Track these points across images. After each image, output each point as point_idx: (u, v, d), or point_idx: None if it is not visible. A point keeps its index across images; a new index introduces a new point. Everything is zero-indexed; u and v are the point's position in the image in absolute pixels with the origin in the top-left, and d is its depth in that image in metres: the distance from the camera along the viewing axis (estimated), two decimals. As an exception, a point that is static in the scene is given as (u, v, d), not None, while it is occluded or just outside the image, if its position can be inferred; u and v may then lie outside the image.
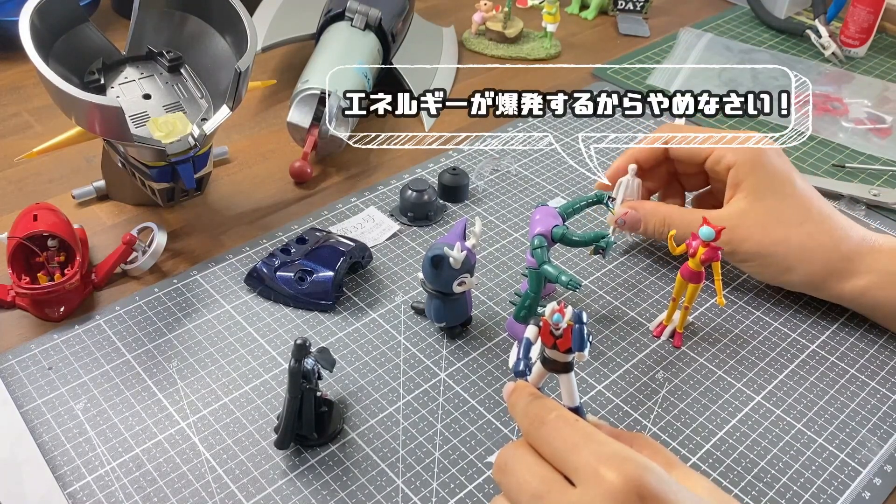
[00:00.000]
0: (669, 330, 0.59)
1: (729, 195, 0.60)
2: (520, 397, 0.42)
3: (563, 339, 0.41)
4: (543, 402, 0.41)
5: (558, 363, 0.42)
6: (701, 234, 0.53)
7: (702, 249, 0.54)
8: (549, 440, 0.39)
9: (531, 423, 0.40)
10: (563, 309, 0.41)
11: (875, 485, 0.50)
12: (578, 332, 0.41)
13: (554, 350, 0.41)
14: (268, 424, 0.51)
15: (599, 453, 0.37)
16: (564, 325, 0.40)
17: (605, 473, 0.35)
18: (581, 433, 0.38)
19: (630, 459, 0.36)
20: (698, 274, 0.55)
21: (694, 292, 0.56)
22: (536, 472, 0.38)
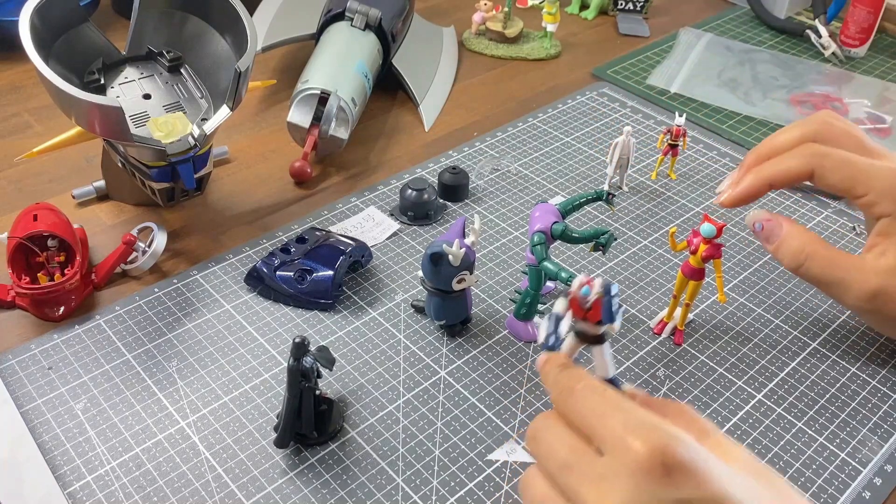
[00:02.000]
0: (670, 327, 0.59)
1: (874, 242, 0.54)
2: (551, 368, 0.42)
3: (593, 312, 0.40)
4: (572, 371, 0.41)
5: (590, 335, 0.42)
6: (702, 231, 0.53)
7: (703, 247, 0.54)
8: (578, 409, 0.39)
9: (560, 392, 0.40)
10: (591, 281, 0.40)
11: (875, 484, 0.50)
12: (607, 304, 0.40)
13: (585, 322, 0.41)
14: (267, 423, 0.51)
15: (626, 422, 0.36)
16: (593, 297, 0.40)
17: (631, 443, 0.35)
18: (609, 402, 0.38)
19: (657, 428, 0.36)
20: (699, 271, 0.55)
21: (695, 289, 0.56)
22: (566, 442, 0.38)
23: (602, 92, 0.90)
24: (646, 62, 0.97)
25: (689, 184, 0.75)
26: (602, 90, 0.90)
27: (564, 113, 0.86)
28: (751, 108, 0.88)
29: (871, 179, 0.53)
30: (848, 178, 0.54)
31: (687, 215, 0.71)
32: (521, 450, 0.50)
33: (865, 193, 0.53)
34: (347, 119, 0.74)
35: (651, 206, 0.72)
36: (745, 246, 0.68)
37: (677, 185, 0.75)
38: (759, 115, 0.87)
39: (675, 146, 0.73)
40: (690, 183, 0.76)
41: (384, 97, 0.87)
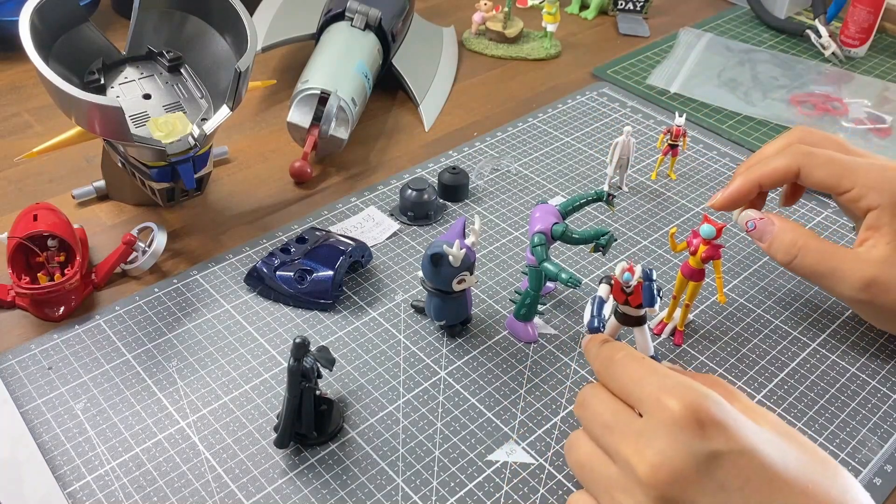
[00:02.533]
0: (670, 328, 0.59)
1: (864, 237, 0.54)
2: (594, 344, 0.45)
3: (634, 296, 0.45)
4: (613, 343, 0.45)
5: (631, 317, 0.46)
6: (702, 231, 0.53)
7: (703, 247, 0.54)
8: (618, 376, 0.42)
9: (602, 362, 0.44)
10: (632, 268, 0.44)
11: (875, 484, 0.50)
12: (648, 289, 0.45)
13: (626, 305, 0.46)
14: (267, 423, 0.51)
15: (662, 384, 0.39)
16: (634, 282, 0.44)
17: (666, 401, 0.38)
18: (646, 367, 0.41)
19: (691, 388, 0.38)
20: (699, 272, 0.55)
21: (695, 290, 0.56)
22: (608, 406, 0.41)
23: (602, 92, 0.90)
24: (646, 62, 0.97)
25: (689, 184, 0.75)
26: (602, 90, 0.90)
27: (564, 113, 0.86)
28: (751, 108, 0.88)
29: (856, 174, 0.54)
30: (834, 174, 0.55)
31: (687, 216, 0.71)
32: (521, 450, 0.50)
33: (852, 187, 0.54)
34: (347, 119, 0.74)
35: (651, 206, 0.72)
36: (745, 246, 0.68)
37: (677, 186, 0.75)
38: (759, 115, 0.87)
39: (675, 146, 0.73)
40: (690, 183, 0.76)
41: (384, 97, 0.87)
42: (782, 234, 0.56)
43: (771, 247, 0.57)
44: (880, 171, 0.54)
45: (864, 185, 0.54)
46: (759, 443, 0.38)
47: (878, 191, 0.53)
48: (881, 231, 0.53)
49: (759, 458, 0.37)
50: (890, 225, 0.53)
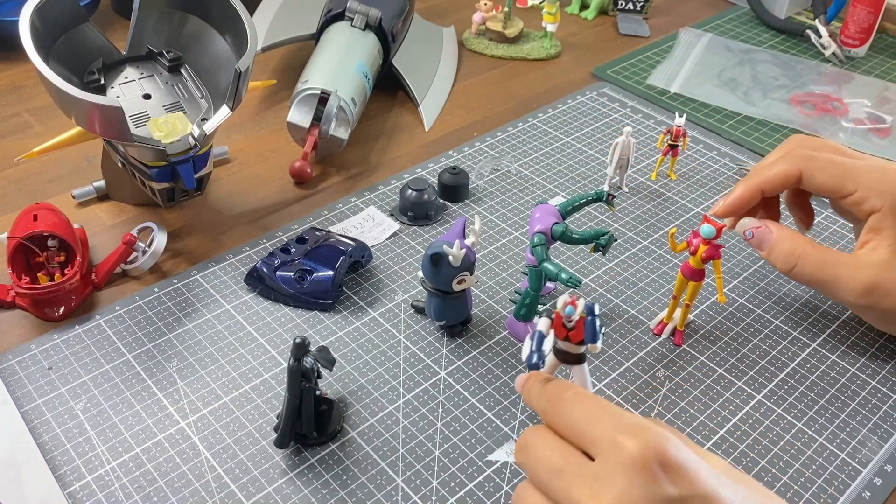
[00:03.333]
0: (670, 328, 0.59)
1: (865, 239, 0.54)
2: (535, 383, 0.42)
3: (576, 331, 0.41)
4: (559, 382, 0.42)
5: (571, 354, 0.42)
6: (702, 231, 0.53)
7: (703, 247, 0.53)
8: (567, 415, 0.39)
9: (548, 401, 0.40)
10: (575, 301, 0.41)
11: (875, 484, 0.50)
12: (591, 324, 0.41)
13: (566, 342, 0.42)
14: (268, 423, 0.51)
15: (617, 424, 0.37)
16: (577, 317, 0.41)
17: (623, 442, 0.35)
18: (598, 406, 0.38)
19: (648, 428, 0.36)
20: (699, 272, 0.55)
21: (695, 290, 0.56)
22: (556, 448, 0.38)
23: (602, 92, 0.90)
24: (646, 62, 0.97)
25: (689, 184, 0.75)
26: (602, 90, 0.90)
27: (564, 113, 0.86)
28: (751, 108, 0.88)
29: (858, 176, 0.54)
30: (835, 177, 0.55)
31: (687, 216, 0.71)
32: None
33: (854, 190, 0.54)
34: (347, 119, 0.74)
35: (651, 206, 0.72)
36: (745, 247, 0.68)
37: (677, 186, 0.75)
38: (759, 115, 0.87)
39: (675, 146, 0.73)
40: (690, 183, 0.76)
41: (384, 97, 0.87)
42: (781, 243, 0.56)
43: (770, 255, 0.56)
44: (882, 173, 0.54)
45: (866, 187, 0.54)
46: (718, 486, 0.36)
47: (880, 193, 0.53)
48: (883, 234, 0.53)
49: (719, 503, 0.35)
50: (892, 228, 0.53)
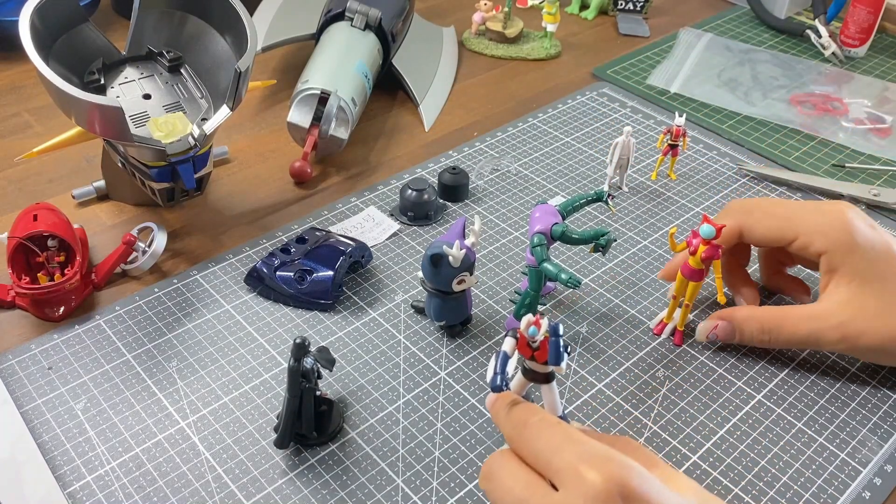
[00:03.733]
0: (670, 328, 0.59)
1: (825, 282, 0.54)
2: (502, 405, 0.42)
3: (541, 352, 0.41)
4: (525, 406, 0.41)
5: (538, 374, 0.42)
6: (701, 232, 0.53)
7: (702, 248, 0.53)
8: (532, 442, 0.39)
9: (513, 427, 0.40)
10: (538, 321, 0.40)
11: (875, 484, 0.50)
12: (554, 345, 0.40)
13: (532, 361, 0.41)
14: (267, 424, 0.51)
15: (581, 454, 0.36)
16: (541, 337, 0.40)
17: (586, 473, 0.35)
18: (562, 435, 0.38)
19: (612, 459, 0.36)
20: (699, 272, 0.55)
21: (694, 290, 0.56)
22: (520, 478, 0.38)
23: (602, 92, 0.90)
24: (646, 62, 0.97)
25: (689, 184, 0.75)
26: (602, 90, 0.90)
27: (564, 113, 0.86)
28: (751, 108, 0.88)
29: (797, 222, 0.54)
30: (775, 227, 0.55)
31: (687, 215, 0.71)
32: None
33: (796, 236, 0.54)
34: (347, 119, 0.74)
35: (651, 206, 0.72)
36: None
37: (677, 186, 0.75)
38: (759, 115, 0.87)
39: (674, 146, 0.73)
40: (690, 183, 0.76)
41: (384, 97, 0.87)
42: (746, 325, 0.55)
43: (742, 341, 0.56)
44: (818, 214, 0.54)
45: (807, 231, 0.53)
46: None
47: (822, 234, 0.53)
48: (839, 273, 0.53)
49: None
50: (844, 265, 0.52)
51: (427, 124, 0.83)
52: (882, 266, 0.52)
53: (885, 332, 0.51)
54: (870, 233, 0.53)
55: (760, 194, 0.74)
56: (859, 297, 0.52)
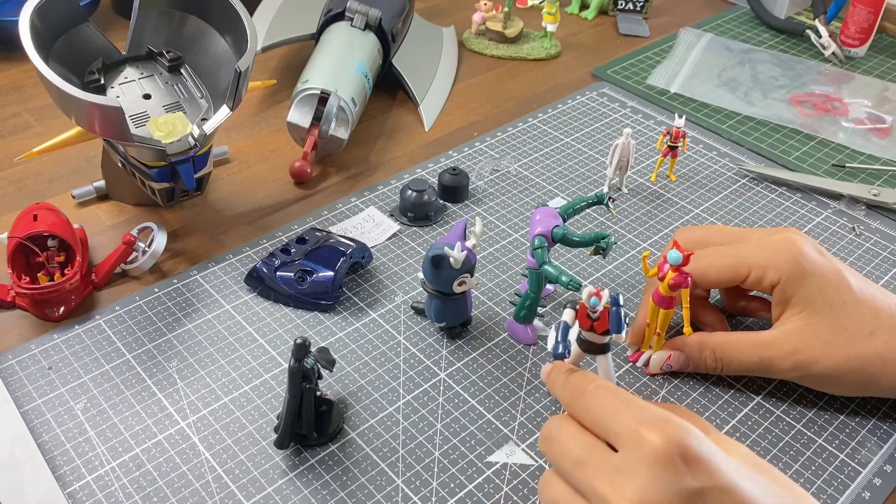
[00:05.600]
0: (646, 357, 0.56)
1: (778, 313, 0.53)
2: (559, 373, 0.43)
3: (601, 322, 0.42)
4: (583, 373, 0.42)
5: (595, 344, 0.44)
6: (669, 258, 0.50)
7: (671, 274, 0.50)
8: (590, 408, 0.40)
9: (571, 393, 0.42)
10: (599, 292, 0.42)
11: (875, 485, 0.50)
12: (615, 315, 0.42)
13: (591, 332, 0.43)
14: (268, 424, 0.51)
15: (640, 417, 0.37)
16: (601, 307, 0.42)
17: (646, 435, 0.36)
18: (621, 399, 0.39)
19: (671, 422, 0.37)
20: (668, 300, 0.52)
21: (665, 319, 0.53)
22: (578, 440, 0.39)
23: (602, 92, 0.90)
24: (646, 62, 0.97)
25: (689, 185, 0.75)
26: (602, 90, 0.90)
27: (564, 113, 0.86)
28: (751, 108, 0.88)
29: (745, 258, 0.53)
30: (726, 268, 0.53)
31: (687, 216, 0.71)
32: (521, 452, 0.50)
33: (749, 271, 0.53)
34: (347, 119, 0.74)
35: (651, 207, 0.72)
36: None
37: (677, 187, 0.75)
38: (759, 115, 0.87)
39: (674, 148, 0.73)
40: (690, 184, 0.76)
41: (384, 97, 0.87)
42: (697, 354, 0.54)
43: (697, 369, 0.55)
44: (766, 246, 0.53)
45: (757, 265, 0.52)
46: (740, 479, 0.36)
47: (773, 266, 0.52)
48: (791, 303, 0.52)
49: (741, 495, 0.36)
50: (796, 295, 0.52)
51: (427, 124, 0.83)
52: (833, 294, 0.51)
53: (837, 360, 0.51)
54: (820, 261, 0.52)
55: (760, 194, 0.74)
56: (811, 325, 0.51)
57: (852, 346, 0.50)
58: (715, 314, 0.58)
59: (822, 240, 0.69)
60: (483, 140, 0.80)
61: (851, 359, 0.50)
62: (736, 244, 0.54)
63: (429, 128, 0.83)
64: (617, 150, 0.71)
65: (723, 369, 0.54)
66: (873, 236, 0.70)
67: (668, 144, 0.73)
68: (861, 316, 0.51)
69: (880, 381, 0.51)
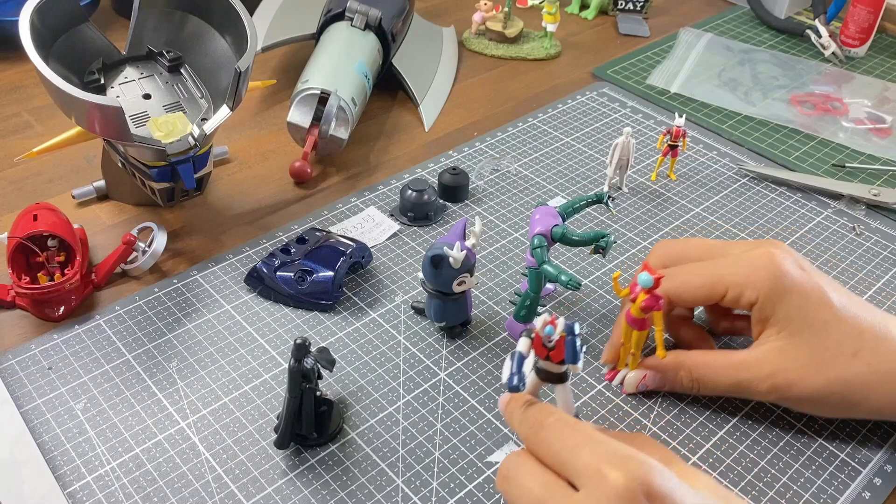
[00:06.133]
0: (622, 375, 0.54)
1: (757, 331, 0.51)
2: (516, 406, 0.41)
3: (556, 351, 0.40)
4: (541, 406, 0.41)
5: (553, 374, 0.41)
6: (640, 281, 0.48)
7: (642, 296, 0.48)
8: (550, 443, 0.38)
9: (530, 427, 0.40)
10: (554, 321, 0.40)
11: (875, 485, 0.50)
12: (571, 344, 0.40)
13: (547, 361, 0.41)
14: (268, 424, 0.51)
15: (601, 453, 0.36)
16: (557, 336, 0.40)
17: (608, 473, 0.35)
18: (581, 434, 0.38)
19: (633, 458, 0.36)
20: (641, 321, 0.50)
21: (640, 339, 0.52)
22: (538, 478, 0.38)
23: (602, 92, 0.90)
24: (646, 62, 0.97)
25: (689, 184, 0.75)
26: (602, 90, 0.90)
27: (564, 113, 0.86)
28: (751, 108, 0.88)
29: (723, 277, 0.51)
30: (702, 286, 0.52)
31: (687, 216, 0.71)
32: (521, 451, 0.50)
33: (726, 290, 0.51)
34: (347, 119, 0.74)
35: (651, 207, 0.72)
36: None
37: (677, 186, 0.75)
38: (759, 115, 0.87)
39: (674, 147, 0.73)
40: (690, 184, 0.76)
41: (384, 97, 0.87)
42: (673, 374, 0.53)
43: (674, 389, 0.54)
44: (744, 263, 0.51)
45: (735, 283, 0.50)
46: None
47: (751, 285, 0.50)
48: (769, 322, 0.50)
49: None
50: (775, 314, 0.49)
51: (427, 124, 0.83)
52: (813, 313, 0.49)
53: (816, 382, 0.48)
54: (800, 277, 0.49)
55: (760, 194, 0.74)
56: (790, 346, 0.49)
57: (833, 369, 0.48)
58: (697, 332, 0.56)
59: (822, 239, 0.69)
60: (483, 140, 0.80)
61: (832, 382, 0.48)
62: (713, 260, 0.53)
63: (429, 128, 0.83)
64: (617, 150, 0.71)
65: (699, 390, 0.52)
66: (873, 236, 0.70)
67: (669, 144, 0.73)
68: (843, 336, 0.48)
69: (863, 404, 0.49)
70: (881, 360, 0.48)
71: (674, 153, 0.74)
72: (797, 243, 0.69)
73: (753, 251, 0.51)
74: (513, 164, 0.77)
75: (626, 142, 0.70)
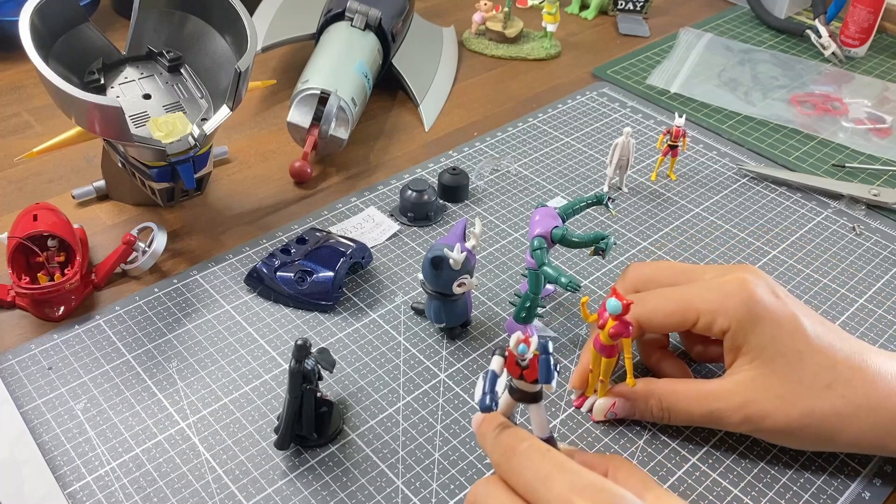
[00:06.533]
0: (590, 402, 0.53)
1: (730, 360, 0.49)
2: (489, 428, 0.41)
3: (530, 370, 0.40)
4: (514, 431, 0.40)
5: (526, 393, 0.41)
6: (608, 307, 0.46)
7: (611, 322, 0.47)
8: (520, 471, 0.38)
9: (502, 454, 0.39)
10: (528, 339, 0.39)
11: (875, 485, 0.50)
12: (544, 363, 0.39)
13: (521, 380, 0.40)
14: (268, 425, 0.51)
15: (572, 484, 0.35)
16: (530, 355, 0.39)
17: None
18: (553, 463, 0.37)
19: (604, 489, 0.35)
20: (610, 348, 0.48)
21: (608, 367, 0.50)
22: None
23: (602, 92, 0.90)
24: (646, 62, 0.97)
25: (689, 184, 0.75)
26: (602, 90, 0.90)
27: (564, 113, 0.86)
28: (751, 108, 0.88)
29: (694, 303, 0.49)
30: (672, 313, 0.50)
31: (687, 216, 0.71)
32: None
33: (696, 318, 0.49)
34: (347, 119, 0.74)
35: (651, 207, 0.72)
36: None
37: (677, 186, 0.75)
38: (759, 115, 0.87)
39: (674, 147, 0.73)
40: (690, 184, 0.76)
41: (384, 97, 0.87)
42: (643, 403, 0.51)
43: (644, 418, 0.52)
44: (716, 289, 0.49)
45: (707, 311, 0.49)
46: None
47: (722, 312, 0.48)
48: (741, 351, 0.48)
49: None
50: (747, 342, 0.48)
51: (427, 124, 0.83)
52: (787, 342, 0.47)
53: (789, 415, 0.47)
54: (774, 304, 0.48)
55: (760, 194, 0.74)
56: (762, 376, 0.47)
57: (807, 401, 0.47)
58: (671, 359, 0.55)
59: (822, 239, 0.69)
60: (483, 140, 0.80)
61: (806, 414, 0.47)
62: (685, 285, 0.51)
63: (429, 128, 0.83)
64: (617, 150, 0.71)
65: (670, 419, 0.51)
66: (873, 236, 0.70)
67: (669, 144, 0.73)
68: (817, 367, 0.47)
69: (838, 437, 0.47)
70: (855, 392, 0.46)
71: (674, 153, 0.74)
72: (797, 243, 0.69)
73: (726, 276, 0.50)
74: (513, 165, 0.77)
75: (626, 142, 0.70)
